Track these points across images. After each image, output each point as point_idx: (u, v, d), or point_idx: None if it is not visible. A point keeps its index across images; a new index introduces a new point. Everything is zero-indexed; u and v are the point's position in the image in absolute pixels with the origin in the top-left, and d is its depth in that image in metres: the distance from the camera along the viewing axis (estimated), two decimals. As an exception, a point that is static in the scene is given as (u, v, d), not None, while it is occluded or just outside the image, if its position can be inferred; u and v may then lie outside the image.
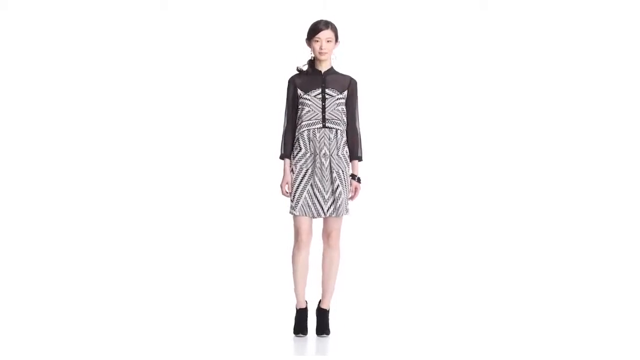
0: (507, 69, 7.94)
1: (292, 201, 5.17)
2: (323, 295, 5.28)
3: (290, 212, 5.18)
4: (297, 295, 5.26)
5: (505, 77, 7.95)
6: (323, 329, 5.23)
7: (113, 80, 7.89)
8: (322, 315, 5.26)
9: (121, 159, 7.90)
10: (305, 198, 5.16)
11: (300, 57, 5.25)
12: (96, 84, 7.90)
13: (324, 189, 5.15)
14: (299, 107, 5.17)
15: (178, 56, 7.89)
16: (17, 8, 7.80)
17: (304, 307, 5.27)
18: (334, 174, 5.16)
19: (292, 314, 5.31)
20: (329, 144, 5.15)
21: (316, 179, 5.16)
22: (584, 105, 7.97)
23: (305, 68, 5.21)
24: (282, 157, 5.23)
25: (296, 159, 5.19)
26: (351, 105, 5.21)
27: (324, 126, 5.15)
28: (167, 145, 7.92)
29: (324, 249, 5.24)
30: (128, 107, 7.92)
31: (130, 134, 7.92)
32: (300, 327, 5.25)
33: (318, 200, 5.15)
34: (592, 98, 7.96)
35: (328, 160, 5.15)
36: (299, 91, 5.17)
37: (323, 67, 5.18)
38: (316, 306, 5.32)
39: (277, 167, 5.35)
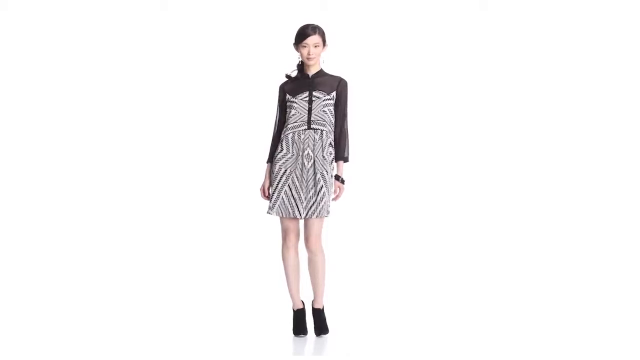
0: (506, 69, 7.95)
1: (270, 202, 5.18)
2: (314, 296, 5.28)
3: (267, 212, 5.18)
4: (291, 296, 5.27)
5: (505, 77, 7.95)
6: (321, 328, 5.25)
7: (113, 80, 7.91)
8: (317, 314, 5.27)
9: (119, 159, 7.92)
10: (282, 199, 5.15)
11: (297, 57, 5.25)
12: (96, 83, 7.92)
13: (303, 190, 5.13)
14: (286, 110, 5.19)
15: (177, 56, 7.90)
16: (17, 8, 7.81)
17: (300, 307, 5.27)
18: (318, 175, 5.14)
19: (291, 314, 5.32)
20: (314, 145, 5.14)
21: (295, 179, 5.15)
22: (583, 105, 7.96)
23: (294, 74, 5.22)
24: (267, 162, 5.25)
25: (275, 159, 5.19)
26: (340, 105, 5.19)
27: (309, 127, 5.15)
28: (166, 144, 7.94)
29: (308, 254, 5.23)
30: (127, 107, 7.94)
31: (129, 134, 7.94)
32: (299, 328, 5.26)
33: (295, 201, 5.14)
34: (591, 98, 7.96)
35: (311, 161, 5.14)
36: (287, 95, 5.18)
37: (311, 71, 5.18)
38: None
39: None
